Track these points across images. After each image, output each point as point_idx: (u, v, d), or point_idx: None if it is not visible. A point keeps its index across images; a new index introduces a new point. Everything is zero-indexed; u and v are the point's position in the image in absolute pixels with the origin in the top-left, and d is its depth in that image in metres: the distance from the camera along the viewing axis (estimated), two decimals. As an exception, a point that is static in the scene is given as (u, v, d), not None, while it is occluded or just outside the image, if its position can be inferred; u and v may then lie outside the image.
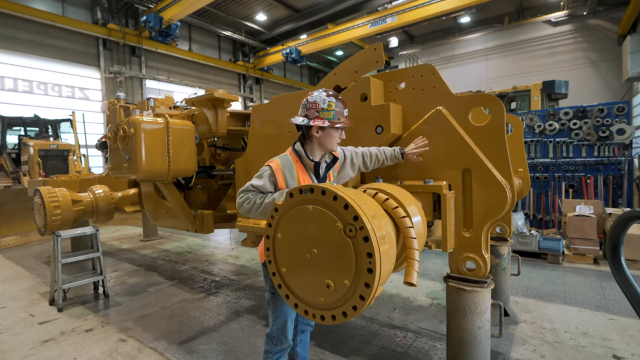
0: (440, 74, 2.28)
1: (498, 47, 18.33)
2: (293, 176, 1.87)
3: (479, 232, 2.13)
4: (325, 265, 1.45)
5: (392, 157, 2.28)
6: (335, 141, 1.92)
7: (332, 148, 1.94)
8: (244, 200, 1.85)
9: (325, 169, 2.00)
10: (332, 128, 1.87)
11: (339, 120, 1.86)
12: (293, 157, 1.93)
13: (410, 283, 1.58)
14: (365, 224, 1.33)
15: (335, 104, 1.85)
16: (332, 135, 1.89)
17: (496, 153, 2.11)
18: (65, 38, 14.37)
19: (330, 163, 2.01)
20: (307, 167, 1.93)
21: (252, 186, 1.88)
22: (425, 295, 4.02)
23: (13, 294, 4.47)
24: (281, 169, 1.86)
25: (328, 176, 2.02)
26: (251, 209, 1.83)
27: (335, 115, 1.85)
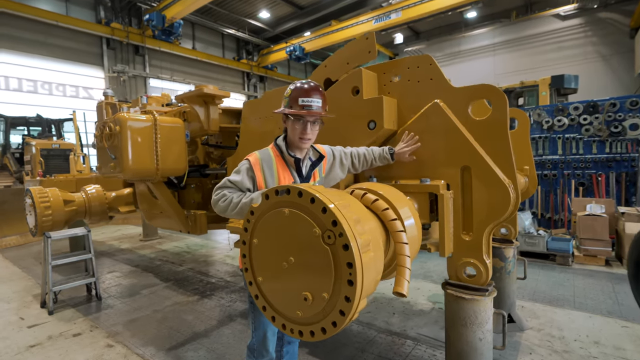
0: (437, 64, 2.10)
1: (505, 42, 17.95)
2: (272, 172, 1.72)
3: (480, 235, 1.96)
4: (302, 275, 1.30)
5: (381, 157, 2.13)
6: (295, 134, 1.71)
7: (296, 142, 1.73)
8: (219, 198, 1.69)
9: (310, 167, 1.83)
10: (292, 118, 1.70)
11: (290, 109, 1.69)
12: (274, 151, 1.77)
13: (399, 293, 1.42)
14: (344, 230, 1.18)
15: (292, 91, 1.70)
16: (290, 127, 1.72)
17: (498, 149, 1.94)
18: (68, 37, 14.40)
19: (315, 161, 1.85)
20: (289, 163, 1.77)
21: (229, 181, 1.73)
22: (427, 298, 3.85)
23: (6, 295, 4.40)
24: (260, 163, 1.71)
25: (313, 175, 1.85)
26: (227, 208, 1.67)
27: (288, 102, 1.70)
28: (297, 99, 1.68)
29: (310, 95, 1.69)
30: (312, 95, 1.70)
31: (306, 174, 1.81)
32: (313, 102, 1.69)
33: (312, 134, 1.74)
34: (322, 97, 1.73)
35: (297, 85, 1.73)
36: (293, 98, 1.69)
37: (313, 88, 1.72)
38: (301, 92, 1.69)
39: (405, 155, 2.10)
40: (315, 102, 1.70)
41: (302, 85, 1.72)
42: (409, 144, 2.08)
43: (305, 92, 1.69)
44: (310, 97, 1.69)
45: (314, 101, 1.70)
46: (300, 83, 1.74)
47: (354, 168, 2.07)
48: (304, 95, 1.69)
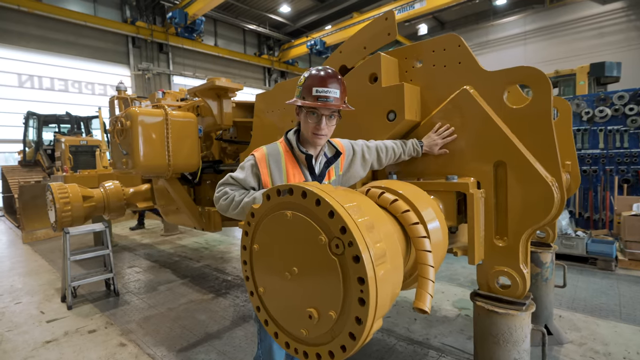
0: (467, 45, 1.85)
1: (538, 29, 16.95)
2: (280, 169, 1.54)
3: (517, 241, 1.71)
4: (306, 289, 1.12)
5: (410, 150, 1.90)
6: (308, 129, 1.51)
7: (308, 138, 1.54)
8: (221, 195, 1.54)
9: (325, 164, 1.62)
10: (304, 112, 1.50)
11: (303, 99, 1.48)
12: (283, 146, 1.58)
13: (421, 310, 1.22)
14: (355, 238, 0.98)
15: (305, 79, 1.48)
16: (303, 120, 1.53)
17: (540, 142, 1.67)
18: (97, 37, 14.86)
19: (331, 158, 1.64)
20: (299, 160, 1.57)
21: (232, 178, 1.57)
22: (452, 304, 3.59)
23: (31, 288, 4.51)
24: (266, 159, 1.53)
25: (328, 174, 1.64)
26: (228, 207, 1.52)
27: (301, 92, 1.49)
28: (311, 89, 1.45)
29: (326, 84, 1.45)
30: (329, 84, 1.46)
31: (320, 172, 1.61)
32: (330, 93, 1.45)
33: (328, 129, 1.52)
34: (340, 87, 1.50)
35: (312, 72, 1.49)
36: (307, 87, 1.47)
37: (330, 76, 1.48)
38: (316, 81, 1.46)
39: (436, 148, 1.86)
40: (332, 92, 1.46)
41: (317, 73, 1.48)
42: (444, 135, 1.85)
43: (321, 81, 1.46)
44: (327, 86, 1.45)
45: (331, 91, 1.46)
46: (315, 70, 1.50)
47: (379, 163, 1.85)
48: (319, 85, 1.45)
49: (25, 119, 11.25)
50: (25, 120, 11.26)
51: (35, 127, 11.12)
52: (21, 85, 13.30)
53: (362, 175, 1.81)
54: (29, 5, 12.80)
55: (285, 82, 2.79)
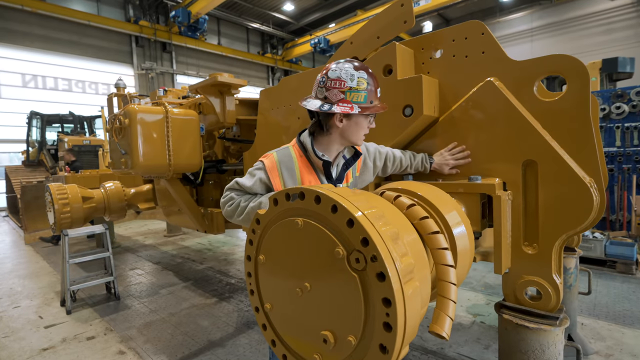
0: (491, 33, 1.69)
1: (545, 26, 16.67)
2: (294, 176, 1.37)
3: (549, 248, 1.55)
4: (321, 308, 0.97)
5: (418, 165, 1.78)
6: (362, 132, 1.39)
7: (357, 142, 1.42)
8: (227, 201, 1.43)
9: (343, 167, 1.46)
10: (362, 115, 1.34)
11: (371, 105, 1.32)
12: (296, 150, 1.42)
13: (438, 335, 1.05)
14: (380, 252, 0.83)
15: (367, 81, 1.30)
16: (360, 124, 1.36)
17: (576, 139, 1.51)
18: (100, 37, 14.80)
19: (350, 159, 1.48)
20: (315, 165, 1.41)
21: (238, 184, 1.43)
22: (465, 310, 3.43)
23: (31, 291, 4.40)
24: (277, 167, 1.37)
25: (346, 177, 1.49)
26: (234, 213, 1.41)
27: (367, 97, 1.30)
28: (376, 91, 1.35)
29: (378, 84, 1.38)
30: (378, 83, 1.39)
31: (337, 175, 1.45)
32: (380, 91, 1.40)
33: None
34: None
35: (370, 71, 1.34)
36: (373, 91, 1.33)
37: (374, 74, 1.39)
38: (377, 82, 1.36)
39: (446, 167, 1.75)
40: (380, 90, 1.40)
41: (372, 74, 1.34)
42: (457, 157, 1.73)
43: (377, 82, 1.37)
44: (379, 86, 1.38)
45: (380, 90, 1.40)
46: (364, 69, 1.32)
47: (384, 171, 1.74)
48: (378, 86, 1.36)
49: (28, 119, 11.21)
50: (28, 120, 11.21)
51: (39, 127, 11.06)
52: (25, 85, 13.28)
53: (371, 179, 1.68)
54: (33, 5, 12.76)
55: (290, 78, 2.64)
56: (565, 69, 1.50)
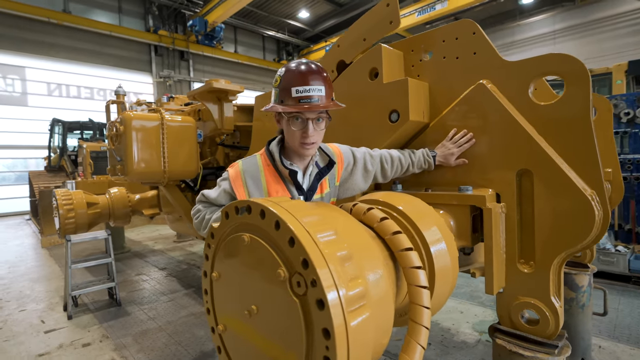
0: (483, 32, 1.57)
1: (568, 28, 16.09)
2: (260, 186, 1.28)
3: (546, 267, 1.39)
4: (266, 334, 0.88)
5: (420, 161, 1.64)
6: (295, 139, 1.24)
7: (296, 149, 1.28)
8: (194, 214, 1.39)
9: (316, 177, 1.34)
10: (285, 118, 1.24)
11: (282, 104, 1.20)
12: (263, 159, 1.33)
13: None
14: (319, 276, 0.73)
15: (280, 79, 1.21)
16: (287, 129, 1.26)
17: (576, 147, 1.36)
18: (121, 46, 15.32)
19: (323, 169, 1.36)
20: (283, 175, 1.31)
21: (204, 196, 1.37)
22: (471, 326, 3.23)
23: (38, 295, 4.48)
24: (242, 177, 1.28)
25: (320, 187, 1.37)
26: (200, 226, 1.36)
27: (278, 95, 1.22)
28: (290, 90, 1.18)
29: (307, 81, 1.18)
30: (311, 80, 1.19)
31: (309, 186, 1.33)
32: (313, 92, 1.18)
33: (317, 134, 1.26)
34: (324, 83, 1.22)
35: (291, 68, 1.22)
36: (284, 89, 1.19)
37: (311, 70, 1.21)
38: (294, 79, 1.19)
39: (452, 158, 1.59)
40: (315, 90, 1.19)
41: (295, 69, 1.21)
42: (460, 142, 1.57)
43: (301, 78, 1.18)
44: (308, 83, 1.18)
45: (314, 89, 1.18)
46: (294, 65, 1.23)
47: (383, 176, 1.58)
48: (298, 83, 1.18)
49: (50, 126, 11.65)
50: (50, 127, 11.65)
51: (60, 133, 11.48)
52: (50, 94, 13.85)
53: (362, 187, 1.54)
54: (59, 17, 13.36)
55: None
56: (563, 69, 1.35)
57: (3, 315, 3.85)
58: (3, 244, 7.95)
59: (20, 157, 13.69)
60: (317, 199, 1.36)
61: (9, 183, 13.31)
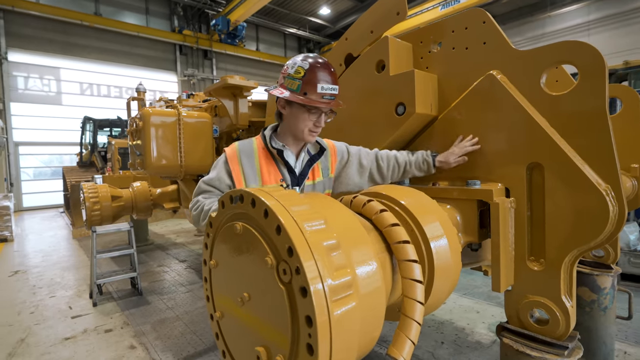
0: (494, 21, 1.51)
1: (604, 18, 15.20)
2: (253, 165, 1.37)
3: (557, 265, 1.34)
4: (256, 322, 0.90)
5: (419, 160, 1.62)
6: (302, 125, 1.33)
7: (299, 135, 1.37)
8: (192, 206, 1.41)
9: (307, 163, 1.43)
10: (298, 106, 1.31)
11: (304, 96, 1.27)
12: (258, 142, 1.43)
13: (394, 359, 0.92)
14: (302, 263, 0.73)
15: (305, 72, 1.27)
16: (297, 115, 1.33)
17: (590, 140, 1.29)
18: (148, 47, 15.84)
19: (314, 155, 1.45)
20: (275, 156, 1.40)
21: (205, 183, 1.40)
22: (488, 327, 3.14)
23: (67, 282, 4.74)
24: (237, 155, 1.37)
25: (312, 173, 1.45)
26: (199, 218, 1.36)
27: (300, 86, 1.28)
28: (316, 85, 1.27)
29: (332, 81, 1.31)
30: (334, 80, 1.32)
31: (301, 170, 1.41)
32: (334, 90, 1.31)
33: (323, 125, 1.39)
34: (337, 81, 1.35)
35: (315, 64, 1.29)
36: (310, 82, 1.27)
37: (333, 72, 1.33)
38: (322, 76, 1.28)
39: (452, 157, 1.55)
40: (335, 89, 1.32)
41: (320, 66, 1.29)
42: (463, 144, 1.54)
43: (328, 77, 1.29)
44: (333, 83, 1.31)
45: (335, 88, 1.32)
46: (317, 61, 1.30)
47: (379, 174, 1.60)
48: (325, 81, 1.28)
49: (82, 124, 12.22)
50: (82, 125, 12.22)
51: (91, 130, 12.03)
52: (82, 93, 14.53)
53: (357, 182, 1.58)
54: (91, 20, 13.97)
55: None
56: (577, 58, 1.29)
57: (35, 301, 4.10)
58: (38, 234, 8.44)
59: (56, 153, 14.45)
60: (309, 185, 1.43)
61: (45, 178, 14.09)
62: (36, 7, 12.80)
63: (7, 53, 12.61)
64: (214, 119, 3.42)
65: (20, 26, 12.82)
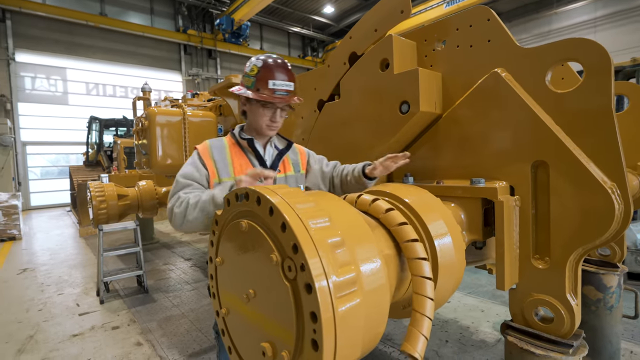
0: (498, 18, 1.51)
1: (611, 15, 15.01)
2: (225, 159, 1.43)
3: (562, 262, 1.33)
4: (261, 318, 0.91)
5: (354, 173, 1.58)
6: (260, 120, 1.42)
7: (259, 130, 1.46)
8: (173, 204, 1.30)
9: (277, 156, 1.52)
10: (255, 102, 1.40)
11: (257, 92, 1.37)
12: (228, 139, 1.52)
13: (410, 355, 0.93)
14: (307, 260, 0.74)
15: (258, 69, 1.37)
16: (254, 111, 1.43)
17: (596, 137, 1.29)
18: (153, 46, 15.93)
19: (283, 150, 1.55)
20: (244, 148, 1.48)
21: (183, 177, 1.36)
22: (492, 326, 3.13)
23: (75, 280, 4.80)
24: (209, 150, 1.43)
25: (283, 166, 1.54)
26: (184, 215, 1.25)
27: (254, 83, 1.38)
28: (267, 81, 1.37)
29: (283, 77, 1.40)
30: (286, 77, 1.41)
31: (271, 162, 1.51)
32: (286, 87, 1.40)
33: (281, 120, 1.49)
34: (293, 79, 1.45)
35: (267, 62, 1.40)
36: (262, 79, 1.37)
37: (286, 67, 1.43)
38: (273, 73, 1.38)
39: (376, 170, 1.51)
40: (288, 85, 1.41)
41: (273, 63, 1.40)
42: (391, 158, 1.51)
43: (278, 74, 1.38)
44: (284, 79, 1.40)
45: (287, 85, 1.40)
46: (270, 59, 1.41)
47: (332, 185, 1.69)
48: (276, 77, 1.38)
49: (88, 123, 12.32)
50: (88, 124, 12.32)
51: (97, 130, 12.13)
52: (88, 93, 14.66)
53: (320, 185, 1.67)
54: (96, 20, 14.07)
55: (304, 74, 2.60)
56: (582, 55, 1.28)
57: (44, 298, 4.16)
58: (46, 233, 8.54)
59: (62, 153, 14.59)
60: (281, 177, 1.52)
61: (52, 177, 14.24)
62: (42, 7, 12.92)
63: (15, 54, 12.75)
64: (218, 118, 3.44)
65: (27, 27, 12.95)
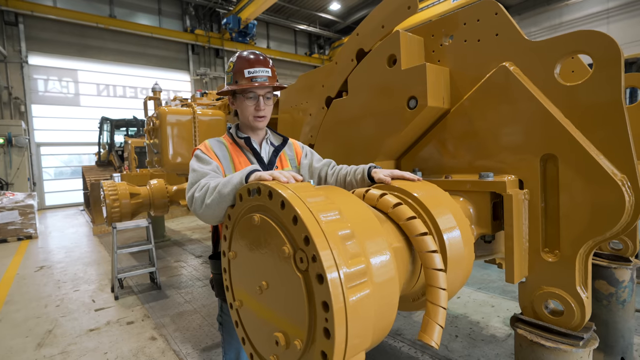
0: (506, 12, 1.50)
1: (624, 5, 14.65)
2: (226, 156, 1.48)
3: (572, 255, 1.34)
4: (274, 308, 0.94)
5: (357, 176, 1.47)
6: (246, 112, 1.47)
7: (248, 123, 1.50)
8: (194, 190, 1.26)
9: (273, 153, 1.55)
10: (238, 96, 1.47)
11: (236, 84, 1.45)
12: (227, 138, 1.56)
13: (426, 343, 0.96)
14: (319, 251, 0.77)
15: (234, 64, 1.48)
16: (240, 105, 1.49)
17: (605, 130, 1.28)
18: (161, 47, 16.10)
19: (278, 146, 1.58)
20: (241, 146, 1.52)
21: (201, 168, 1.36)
22: (502, 321, 3.12)
23: (90, 277, 4.92)
24: (211, 148, 1.47)
25: (279, 162, 1.57)
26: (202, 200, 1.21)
27: (232, 77, 1.48)
28: (243, 71, 1.44)
29: (257, 65, 1.47)
30: (260, 65, 1.48)
31: (268, 159, 1.54)
32: (262, 72, 1.46)
33: (267, 109, 1.51)
34: (270, 67, 1.51)
35: (241, 55, 1.49)
36: (238, 71, 1.45)
37: (259, 57, 1.50)
38: (246, 63, 1.46)
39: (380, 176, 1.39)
40: (263, 71, 1.47)
41: (246, 55, 1.49)
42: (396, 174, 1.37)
43: (251, 62, 1.47)
44: (258, 66, 1.47)
45: (263, 70, 1.47)
46: (244, 53, 1.51)
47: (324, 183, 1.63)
48: (250, 66, 1.46)
49: (100, 124, 12.53)
50: (99, 125, 12.53)
51: (108, 130, 12.34)
52: (99, 94, 14.90)
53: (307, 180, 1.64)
54: (106, 22, 14.28)
55: (304, 76, 2.62)
56: (592, 47, 1.28)
57: (61, 294, 4.28)
58: (61, 231, 8.74)
59: (75, 153, 14.88)
60: None
61: (65, 177, 14.54)
62: (54, 11, 13.16)
63: (28, 57, 13.02)
64: (227, 117, 3.48)
65: (39, 30, 13.21)
